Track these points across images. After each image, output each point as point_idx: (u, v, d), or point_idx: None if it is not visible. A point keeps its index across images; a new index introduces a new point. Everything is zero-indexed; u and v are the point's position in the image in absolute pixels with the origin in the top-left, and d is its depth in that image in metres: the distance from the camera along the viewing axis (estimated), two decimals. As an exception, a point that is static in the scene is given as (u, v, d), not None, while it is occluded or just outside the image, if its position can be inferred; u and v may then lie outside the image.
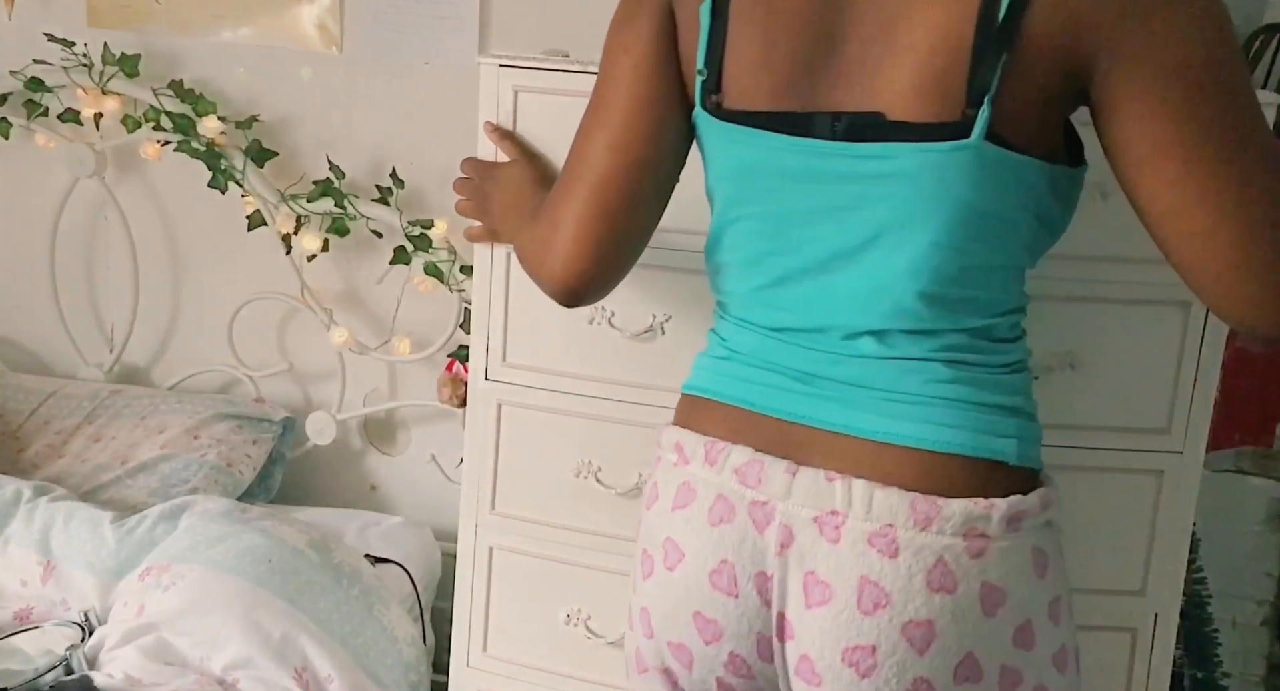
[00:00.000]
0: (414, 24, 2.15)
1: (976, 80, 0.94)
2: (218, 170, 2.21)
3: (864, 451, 1.00)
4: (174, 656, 1.72)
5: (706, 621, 1.05)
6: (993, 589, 0.97)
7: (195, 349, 2.41)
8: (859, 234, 1.01)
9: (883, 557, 0.97)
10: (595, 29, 2.04)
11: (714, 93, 1.06)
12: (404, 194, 2.15)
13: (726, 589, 1.03)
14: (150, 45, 2.28)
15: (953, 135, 0.95)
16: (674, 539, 1.07)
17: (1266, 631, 2.05)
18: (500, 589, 1.67)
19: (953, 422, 0.99)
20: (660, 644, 1.10)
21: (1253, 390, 1.98)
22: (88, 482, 2.12)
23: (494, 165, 1.51)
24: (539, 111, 1.52)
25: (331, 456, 2.36)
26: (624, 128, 1.11)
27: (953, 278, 1.00)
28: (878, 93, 0.98)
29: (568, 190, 1.15)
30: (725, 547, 1.03)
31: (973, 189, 0.97)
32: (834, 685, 0.99)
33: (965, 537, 0.96)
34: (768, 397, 1.05)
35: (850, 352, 1.03)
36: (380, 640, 1.81)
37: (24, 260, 2.45)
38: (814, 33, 1.00)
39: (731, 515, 1.03)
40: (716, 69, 1.05)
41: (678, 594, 1.06)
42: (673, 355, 1.52)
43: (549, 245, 1.16)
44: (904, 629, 0.96)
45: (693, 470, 1.07)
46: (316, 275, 2.25)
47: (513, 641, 1.67)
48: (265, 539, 1.85)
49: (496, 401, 1.62)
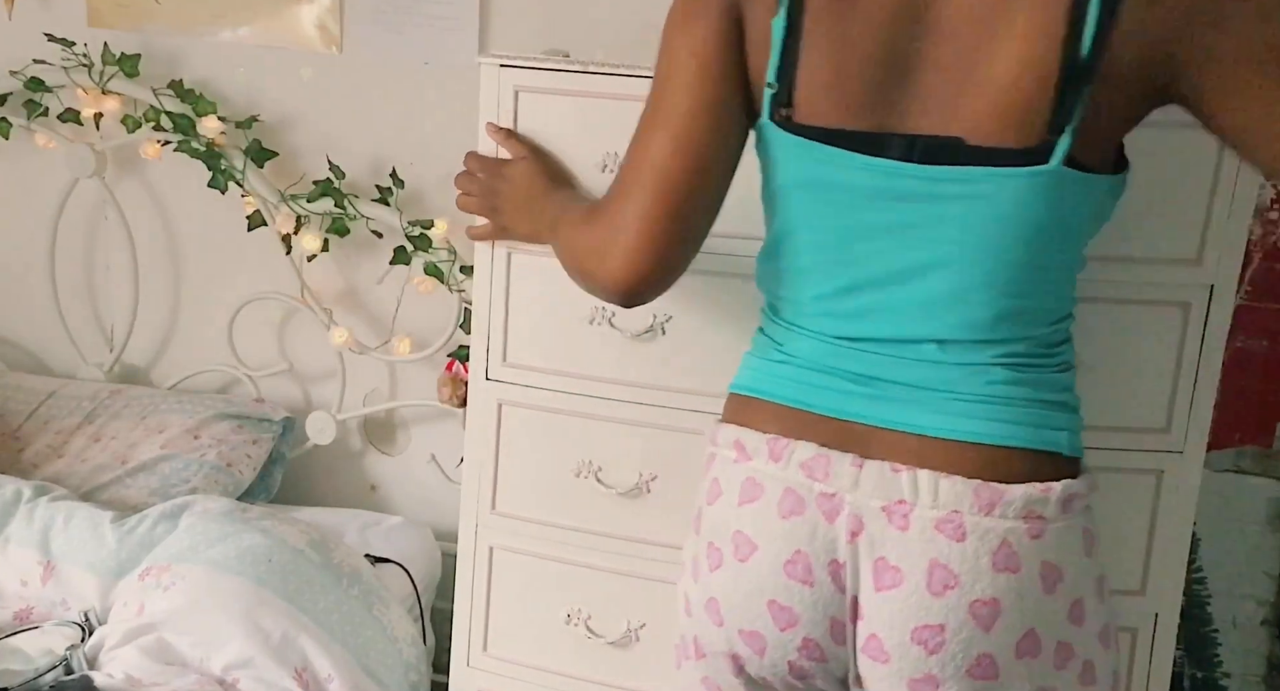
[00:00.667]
0: (414, 24, 2.15)
1: (1060, 110, 0.98)
2: (218, 170, 2.21)
3: (926, 446, 1.05)
4: (174, 656, 1.72)
5: (781, 609, 1.09)
6: (1051, 567, 1.03)
7: (195, 349, 2.41)
8: (930, 250, 1.05)
9: (951, 542, 1.03)
10: (595, 29, 2.05)
11: (784, 106, 1.08)
12: (404, 194, 2.15)
13: (802, 578, 1.07)
14: (150, 45, 2.28)
15: (1031, 161, 1.00)
16: (744, 532, 1.11)
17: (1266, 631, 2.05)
18: (500, 589, 1.67)
19: (1012, 419, 1.05)
20: (730, 632, 1.13)
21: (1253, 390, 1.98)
22: (88, 483, 2.12)
23: (502, 162, 1.51)
24: (540, 111, 1.53)
25: (331, 456, 2.36)
26: (687, 130, 1.11)
27: (1021, 291, 1.06)
28: (956, 118, 1.02)
29: (628, 192, 1.14)
30: (798, 538, 1.07)
31: (1048, 209, 1.02)
32: (901, 662, 1.05)
33: (1025, 520, 1.03)
34: (826, 399, 1.10)
35: (913, 357, 1.07)
36: (380, 640, 1.81)
37: (24, 260, 2.45)
38: (889, 55, 1.03)
39: (801, 507, 1.07)
40: (788, 83, 1.07)
41: (751, 584, 1.10)
42: (673, 355, 1.53)
43: (609, 246, 1.15)
44: (971, 607, 1.02)
45: (756, 466, 1.11)
46: (316, 275, 2.25)
47: (513, 641, 1.68)
48: (265, 539, 1.85)
49: (497, 401, 1.62)
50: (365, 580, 1.88)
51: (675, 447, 1.55)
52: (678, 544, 1.53)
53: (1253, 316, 1.96)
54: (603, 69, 1.50)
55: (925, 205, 1.04)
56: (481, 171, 1.51)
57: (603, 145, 1.50)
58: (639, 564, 1.59)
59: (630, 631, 1.61)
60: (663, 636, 1.60)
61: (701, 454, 1.50)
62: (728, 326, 1.49)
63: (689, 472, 1.53)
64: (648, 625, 1.61)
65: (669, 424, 1.55)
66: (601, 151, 1.50)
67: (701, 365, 1.52)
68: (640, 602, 1.61)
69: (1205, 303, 1.42)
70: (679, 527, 1.52)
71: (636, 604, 1.61)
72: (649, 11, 2.01)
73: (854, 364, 1.09)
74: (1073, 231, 1.07)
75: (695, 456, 1.50)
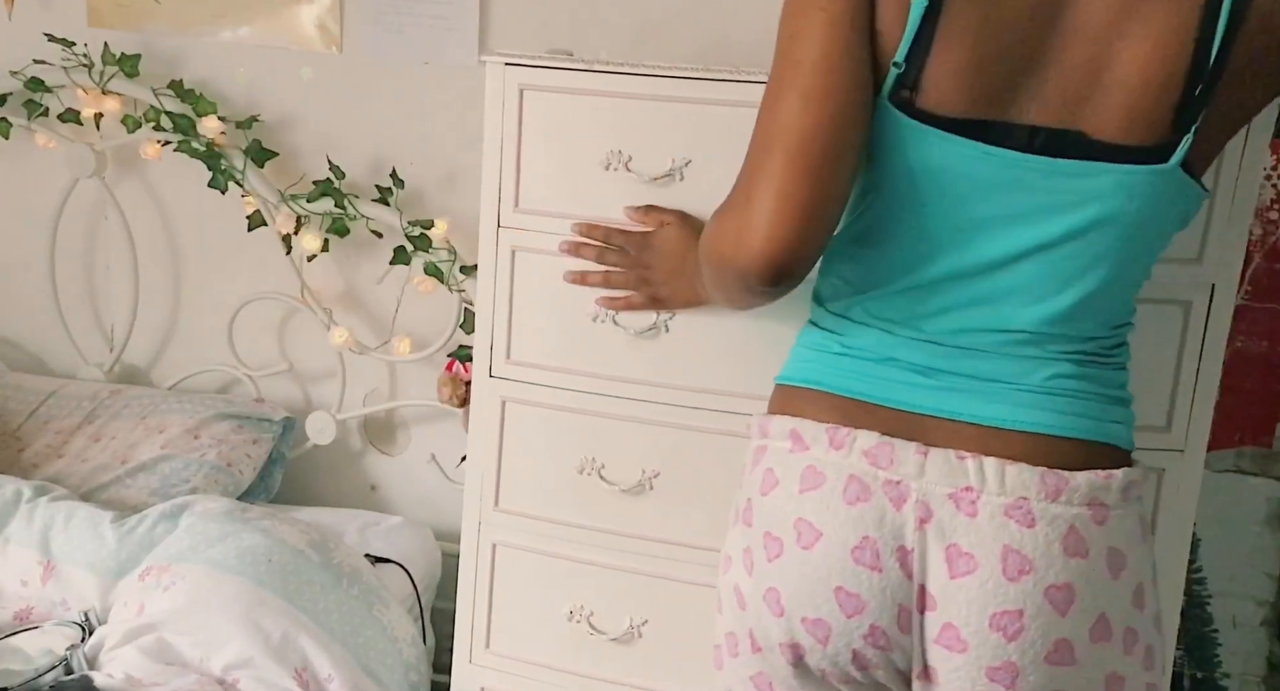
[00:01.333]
0: (414, 24, 2.15)
1: (1186, 111, 1.01)
2: (218, 170, 2.21)
3: (989, 436, 1.07)
4: (174, 656, 1.72)
5: (849, 595, 1.08)
6: (1116, 553, 1.06)
7: (195, 349, 2.41)
8: (1031, 242, 1.06)
9: (1021, 528, 1.04)
10: (595, 29, 2.05)
11: (907, 89, 1.06)
12: (404, 194, 2.15)
13: (870, 564, 1.07)
14: (150, 45, 2.28)
15: (1151, 159, 1.02)
16: (807, 519, 1.10)
17: (1266, 631, 2.05)
18: (503, 585, 1.67)
19: (1074, 412, 1.08)
20: (792, 621, 1.12)
21: (1253, 390, 1.98)
22: (88, 483, 2.12)
23: (646, 234, 1.48)
24: (545, 110, 1.53)
25: (331, 456, 2.36)
26: (819, 82, 1.05)
27: (1102, 290, 1.08)
28: (1081, 113, 1.03)
29: (759, 159, 1.07)
30: (865, 525, 1.07)
31: (1153, 210, 1.05)
32: (980, 649, 1.05)
33: (1090, 507, 1.05)
34: (888, 390, 1.11)
35: (980, 348, 1.09)
36: (380, 640, 1.81)
37: (24, 260, 2.45)
38: (1022, 50, 1.03)
39: (867, 494, 1.07)
40: (917, 66, 1.05)
41: (818, 571, 1.09)
42: (676, 353, 1.53)
43: (748, 224, 1.07)
44: (1046, 592, 1.03)
45: (816, 455, 1.11)
46: (316, 275, 2.25)
47: (516, 638, 1.68)
48: (265, 539, 1.85)
49: (500, 398, 1.62)
50: (365, 580, 1.88)
51: (678, 445, 1.55)
52: (680, 541, 1.56)
53: (1253, 316, 1.96)
54: (608, 67, 1.50)
55: (1039, 196, 1.05)
56: (621, 243, 1.48)
57: (607, 143, 1.50)
58: (642, 560, 1.59)
59: (633, 628, 1.62)
60: (665, 633, 1.60)
61: (705, 450, 1.53)
62: (731, 324, 1.49)
63: (691, 469, 1.54)
64: (650, 622, 1.61)
65: (672, 421, 1.55)
66: (605, 149, 1.50)
67: (704, 363, 1.52)
68: (643, 599, 1.61)
69: (1206, 302, 1.42)
70: (681, 524, 1.55)
71: (639, 600, 1.61)
72: (648, 11, 2.03)
73: (918, 355, 1.10)
74: (1159, 236, 1.10)
75: (698, 453, 1.53)
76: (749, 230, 1.07)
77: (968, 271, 1.09)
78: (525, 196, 1.56)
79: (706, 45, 1.99)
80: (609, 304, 1.52)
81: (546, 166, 1.55)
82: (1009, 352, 1.08)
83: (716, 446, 1.53)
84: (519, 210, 1.57)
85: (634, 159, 1.49)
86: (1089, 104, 1.02)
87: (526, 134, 1.54)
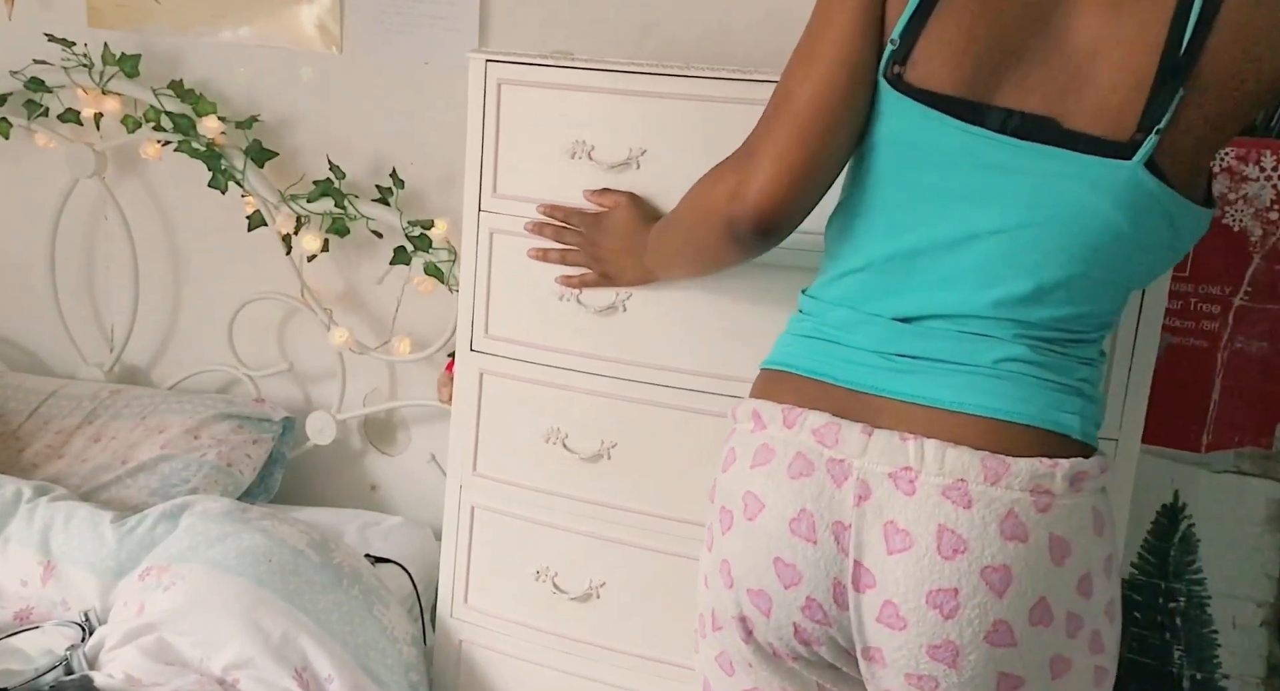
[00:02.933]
0: (414, 24, 2.15)
1: (1151, 109, 1.03)
2: (218, 170, 2.21)
3: (935, 417, 1.09)
4: (174, 656, 1.72)
5: (786, 565, 1.12)
6: (1060, 540, 1.06)
7: (195, 349, 2.41)
8: (990, 221, 1.09)
9: (957, 508, 1.05)
10: (595, 29, 2.05)
11: (898, 64, 1.11)
12: (404, 194, 2.15)
13: (806, 535, 1.10)
14: (150, 45, 2.28)
15: (1116, 154, 1.04)
16: (753, 492, 1.14)
17: (1266, 632, 2.05)
18: (480, 545, 1.79)
19: (1022, 396, 1.09)
20: (740, 592, 1.16)
21: (1253, 390, 1.98)
22: (88, 483, 2.12)
23: (599, 214, 1.59)
24: (519, 103, 1.64)
25: (331, 456, 2.36)
26: (828, 59, 1.14)
27: (1066, 282, 1.09)
28: (1055, 102, 1.06)
29: (766, 120, 1.19)
30: (804, 498, 1.10)
31: (1117, 208, 1.06)
32: (918, 627, 1.06)
33: (1032, 494, 1.06)
34: (844, 370, 1.14)
35: (934, 330, 1.12)
36: (380, 640, 1.81)
37: (24, 260, 2.45)
38: (1014, 40, 1.07)
39: (810, 470, 1.11)
40: (909, 43, 1.10)
41: (760, 541, 1.13)
42: (633, 331, 1.63)
43: (744, 175, 1.18)
44: (982, 573, 1.05)
45: (770, 433, 1.15)
46: (316, 275, 2.25)
47: (490, 595, 1.80)
48: (265, 539, 1.85)
49: (479, 370, 1.74)
50: (365, 580, 1.88)
51: (634, 417, 1.64)
52: (635, 508, 1.67)
53: (1253, 316, 1.95)
54: (572, 63, 1.62)
55: (1005, 177, 1.08)
56: (578, 223, 1.60)
57: (573, 134, 1.61)
58: (600, 525, 1.69)
59: (592, 589, 1.71)
60: (621, 595, 1.70)
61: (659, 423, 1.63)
62: (686, 304, 1.59)
63: (646, 441, 1.65)
64: (607, 584, 1.71)
65: (629, 395, 1.64)
66: (571, 139, 1.61)
67: (659, 341, 1.61)
68: (601, 562, 1.70)
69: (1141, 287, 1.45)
70: (637, 492, 1.67)
71: (597, 563, 1.70)
72: (648, 12, 2.03)
73: (875, 334, 1.13)
74: (1136, 246, 1.09)
75: (652, 426, 1.64)
76: (746, 183, 1.18)
77: (928, 248, 1.12)
78: (502, 183, 1.68)
79: (707, 45, 1.99)
80: (565, 282, 1.63)
81: (520, 155, 1.66)
82: (962, 333, 1.10)
83: (670, 420, 1.62)
84: (497, 196, 1.68)
85: (596, 149, 1.60)
86: (1068, 96, 1.06)
87: (504, 125, 1.65)
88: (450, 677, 1.86)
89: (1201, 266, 1.91)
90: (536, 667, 1.77)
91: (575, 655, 1.74)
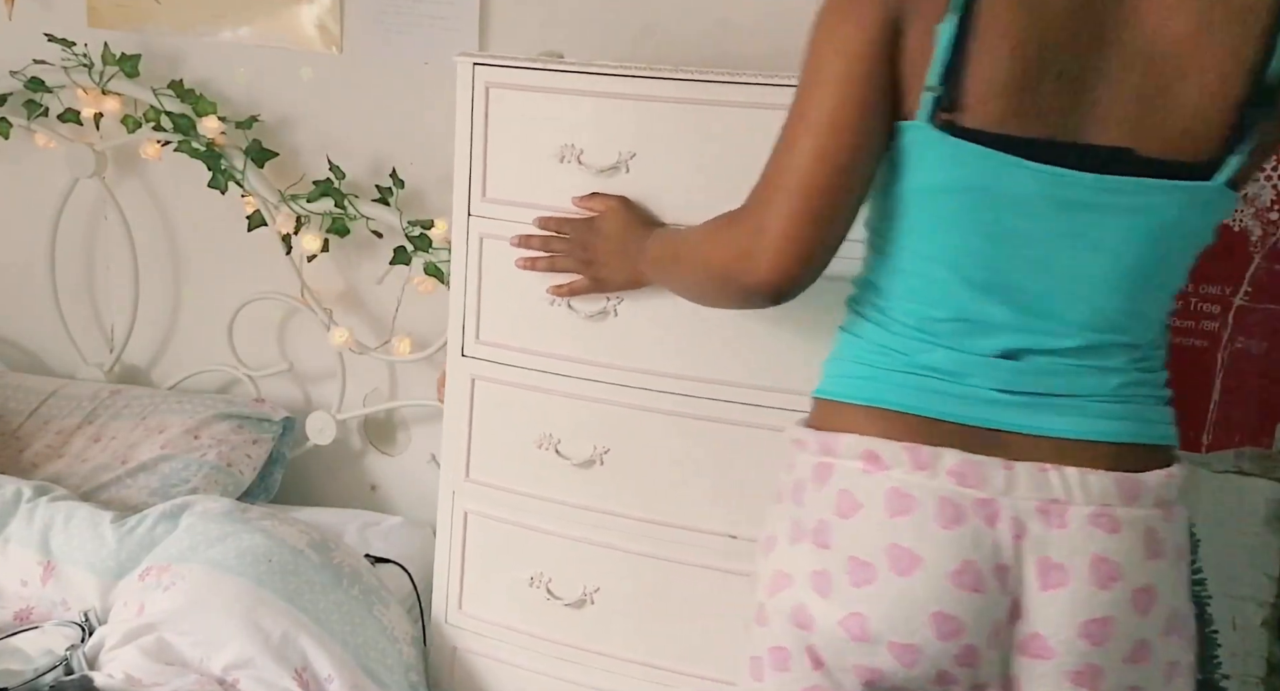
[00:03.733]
0: (414, 24, 2.15)
1: (1238, 132, 1.05)
2: (218, 170, 2.21)
3: (1065, 447, 1.10)
4: (174, 656, 1.72)
5: (947, 618, 1.08)
6: (1180, 549, 1.12)
7: (195, 349, 2.41)
8: (1084, 260, 1.09)
9: (1108, 535, 1.07)
10: (595, 29, 2.05)
11: (946, 110, 1.07)
12: (404, 194, 2.15)
13: (972, 586, 1.08)
14: (150, 45, 2.28)
15: (1198, 176, 1.07)
16: (902, 546, 1.09)
17: (1266, 632, 2.05)
18: (474, 551, 1.79)
19: (1139, 417, 1.13)
20: (877, 646, 1.10)
21: (1253, 390, 1.98)
22: (88, 482, 2.12)
23: (589, 219, 1.58)
24: (508, 105, 1.64)
25: (331, 456, 2.36)
26: (832, 135, 1.11)
27: (1154, 297, 1.13)
28: (1134, 132, 1.06)
29: (771, 196, 1.15)
30: (964, 548, 1.08)
31: (1200, 222, 1.10)
32: (1067, 656, 1.08)
33: (1160, 508, 1.10)
34: (964, 408, 1.12)
35: (1052, 365, 1.12)
36: (380, 640, 1.81)
37: (24, 260, 2.45)
38: (1070, 69, 1.05)
39: (961, 517, 1.08)
40: (955, 86, 1.06)
41: (916, 597, 1.09)
42: (624, 336, 1.63)
43: (755, 248, 1.15)
44: (1133, 596, 1.07)
45: (899, 475, 1.10)
46: (316, 275, 2.25)
47: (484, 601, 1.80)
48: (265, 539, 1.85)
49: (470, 376, 1.73)
50: (365, 580, 1.88)
51: (626, 422, 1.64)
52: (627, 513, 1.66)
53: (1253, 316, 1.95)
54: (560, 66, 1.62)
55: (1089, 214, 1.07)
56: (569, 230, 1.58)
57: (562, 137, 1.60)
58: (593, 531, 1.69)
59: (585, 594, 1.71)
60: (614, 600, 1.70)
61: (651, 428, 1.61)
62: (675, 310, 1.56)
63: (638, 446, 1.64)
64: (601, 589, 1.70)
65: (621, 400, 1.64)
66: (561, 142, 1.60)
67: (650, 346, 1.61)
68: (595, 568, 1.70)
69: None
70: (629, 497, 1.66)
71: (591, 569, 1.70)
72: (648, 12, 2.03)
73: (985, 373, 1.12)
74: (1200, 244, 1.13)
75: (644, 431, 1.64)
76: (757, 258, 1.15)
77: (1021, 288, 1.11)
78: (492, 187, 1.67)
79: (707, 44, 1.99)
80: (556, 291, 1.62)
81: (510, 159, 1.65)
82: (1078, 366, 1.11)
83: (662, 425, 1.62)
84: (486, 200, 1.68)
85: (585, 152, 1.59)
86: (1144, 122, 1.05)
87: (493, 129, 1.65)
88: (445, 684, 1.85)
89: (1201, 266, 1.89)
90: (531, 674, 1.77)
91: (570, 661, 1.73)
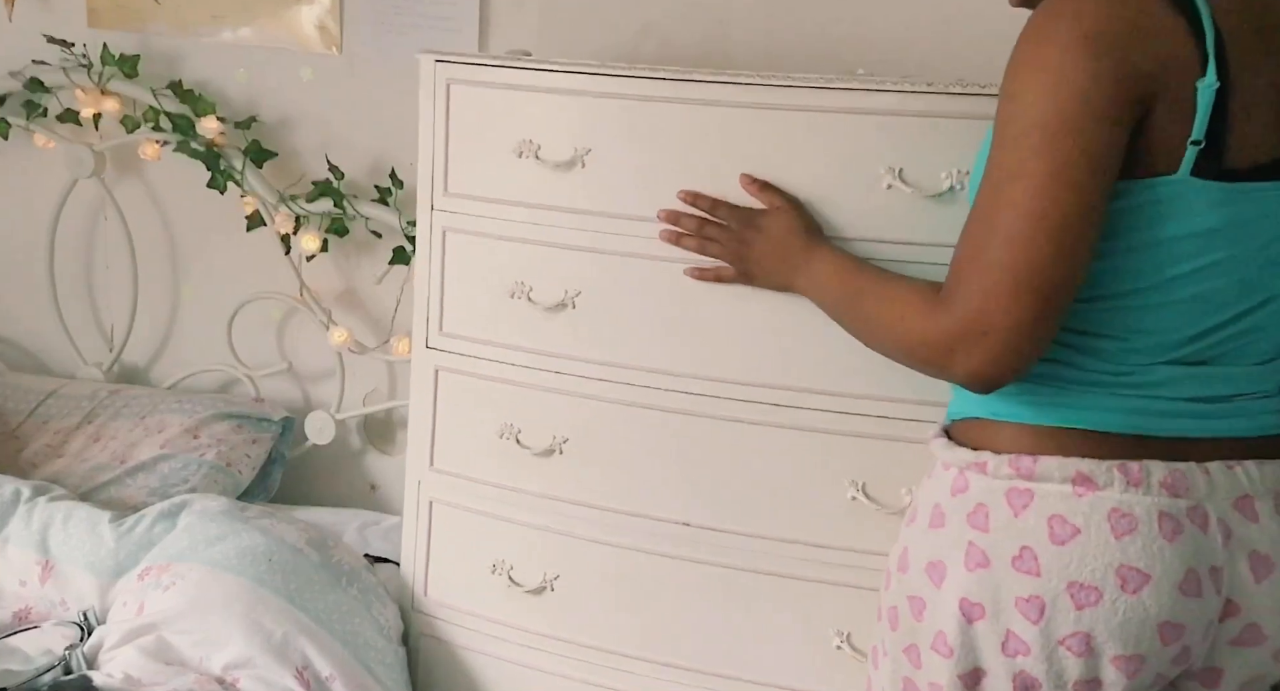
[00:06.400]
0: (414, 24, 2.15)
1: None
2: (217, 170, 2.21)
3: (1235, 443, 1.15)
4: (174, 656, 1.72)
5: (1172, 626, 1.11)
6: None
7: (195, 349, 2.41)
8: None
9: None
10: (594, 29, 2.05)
11: (1208, 160, 1.08)
12: (404, 194, 2.15)
13: (1194, 592, 1.11)
14: (150, 45, 2.28)
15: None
16: (1132, 565, 1.10)
17: None
18: (439, 539, 1.83)
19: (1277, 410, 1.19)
20: (1100, 659, 1.12)
21: None
22: (87, 482, 2.12)
23: (756, 211, 1.50)
24: (468, 102, 1.67)
25: (331, 456, 2.36)
26: (1071, 229, 1.05)
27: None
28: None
29: (995, 291, 1.07)
30: (1186, 558, 1.10)
31: None
32: (1275, 639, 1.15)
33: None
34: (1159, 421, 1.14)
35: (1249, 373, 1.16)
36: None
37: (24, 260, 2.45)
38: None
39: (1179, 527, 1.11)
40: (1220, 136, 1.08)
41: (1146, 612, 1.10)
42: (582, 327, 1.65)
43: (969, 343, 1.09)
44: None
45: (1114, 495, 1.11)
46: (316, 275, 2.25)
47: (448, 588, 1.83)
48: (265, 538, 1.85)
49: (434, 367, 1.76)
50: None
51: (584, 413, 1.66)
52: (585, 502, 1.68)
53: None
54: (517, 63, 1.65)
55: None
56: (725, 216, 1.50)
57: (520, 133, 1.62)
58: (553, 519, 1.71)
59: (545, 581, 1.73)
60: (572, 587, 1.72)
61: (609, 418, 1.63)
62: (633, 301, 1.61)
63: (597, 436, 1.66)
64: (561, 576, 1.72)
65: (579, 391, 1.66)
66: (518, 138, 1.62)
67: (609, 337, 1.63)
68: (554, 556, 1.72)
69: None
70: (588, 486, 1.68)
71: (551, 556, 1.73)
72: (647, 12, 2.03)
73: (1193, 387, 1.14)
74: None
75: (602, 421, 1.65)
76: (970, 354, 1.09)
77: (1246, 310, 1.14)
78: (453, 181, 1.70)
79: (706, 44, 1.99)
80: (698, 274, 1.54)
81: (470, 154, 1.68)
82: (1260, 370, 1.16)
83: (620, 415, 1.64)
84: (448, 194, 1.71)
85: (542, 148, 1.61)
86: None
87: (454, 124, 1.68)
88: (411, 671, 1.86)
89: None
90: (495, 660, 1.80)
91: (532, 647, 1.76)
